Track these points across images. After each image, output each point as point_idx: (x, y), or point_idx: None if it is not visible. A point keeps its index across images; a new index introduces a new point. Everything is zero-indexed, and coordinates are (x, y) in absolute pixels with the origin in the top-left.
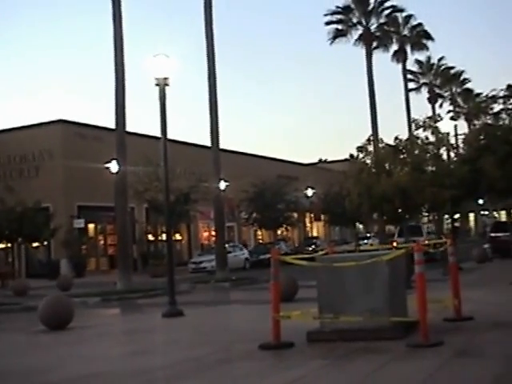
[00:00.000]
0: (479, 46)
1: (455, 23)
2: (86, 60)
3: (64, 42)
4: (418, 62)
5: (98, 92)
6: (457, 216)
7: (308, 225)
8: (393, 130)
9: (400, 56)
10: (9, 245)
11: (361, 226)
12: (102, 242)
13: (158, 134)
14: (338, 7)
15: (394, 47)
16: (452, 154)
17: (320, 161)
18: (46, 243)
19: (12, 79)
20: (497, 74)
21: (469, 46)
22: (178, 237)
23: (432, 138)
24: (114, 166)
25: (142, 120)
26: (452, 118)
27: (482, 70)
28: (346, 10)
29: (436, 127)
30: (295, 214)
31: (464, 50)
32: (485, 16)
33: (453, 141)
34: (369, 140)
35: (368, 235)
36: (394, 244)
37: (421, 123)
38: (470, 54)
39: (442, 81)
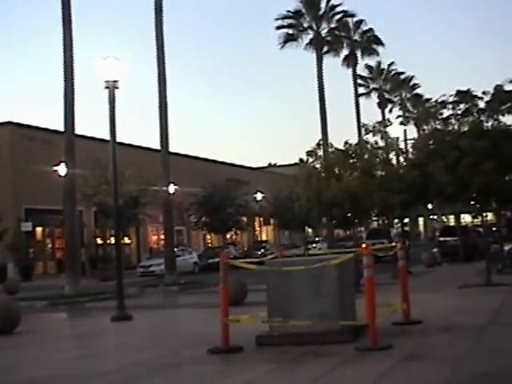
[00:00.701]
0: (429, 52)
1: (406, 29)
2: (36, 62)
3: (13, 44)
4: (368, 67)
5: (47, 94)
6: (406, 220)
7: (257, 229)
8: (343, 134)
9: (350, 61)
10: None
11: (310, 230)
12: (49, 246)
13: (108, 136)
14: (288, 11)
15: (345, 52)
16: (401, 159)
17: (270, 165)
18: None
19: None
20: (446, 80)
21: (419, 51)
22: (126, 240)
23: (381, 143)
24: (62, 169)
25: (91, 123)
26: (401, 123)
27: (432, 75)
28: (296, 14)
29: (385, 132)
30: (244, 218)
31: (414, 55)
32: (435, 22)
33: (402, 146)
34: (318, 144)
35: (317, 239)
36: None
37: (370, 128)
38: (420, 60)
39: (392, 86)
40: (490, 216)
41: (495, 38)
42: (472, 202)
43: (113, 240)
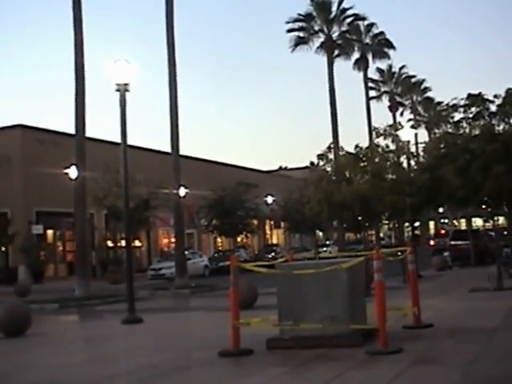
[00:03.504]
0: (440, 55)
1: (417, 32)
2: (47, 64)
3: (25, 45)
4: (379, 70)
5: (58, 97)
6: (417, 224)
7: (268, 232)
8: (354, 137)
9: (361, 64)
10: None
11: (320, 234)
12: (60, 249)
13: (118, 139)
14: (299, 15)
15: (356, 55)
16: (412, 163)
17: (280, 168)
18: (3, 249)
19: None
20: (458, 83)
21: (430, 54)
22: (137, 243)
23: (392, 146)
24: (73, 172)
25: (102, 126)
26: (412, 127)
27: (443, 78)
28: (307, 17)
29: (396, 135)
30: (255, 221)
31: (425, 58)
32: (446, 25)
33: (413, 149)
34: (329, 148)
35: (327, 243)
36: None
37: (381, 131)
38: (431, 63)
39: (403, 89)
40: (501, 220)
41: (508, 41)
42: (483, 206)
43: (123, 243)
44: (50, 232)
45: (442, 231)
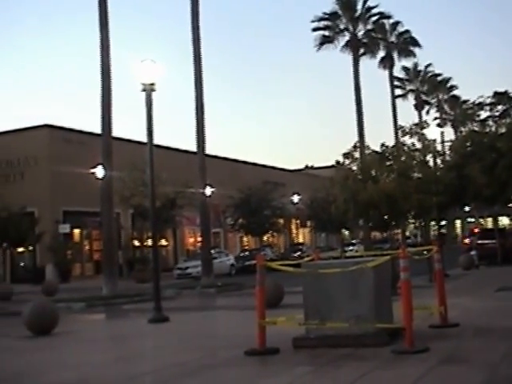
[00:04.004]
0: (466, 53)
1: (442, 30)
2: (73, 64)
3: (52, 46)
4: (404, 68)
5: (84, 97)
6: (443, 223)
7: (294, 231)
8: (379, 136)
9: (387, 63)
10: None
11: (346, 233)
12: (87, 248)
13: (144, 139)
14: (325, 13)
15: (381, 54)
16: (438, 161)
17: (307, 167)
18: (31, 248)
19: None
20: (484, 81)
21: (456, 53)
22: (163, 242)
23: (418, 145)
24: (99, 171)
25: (128, 125)
26: (439, 125)
27: (469, 77)
28: (333, 16)
29: (422, 134)
30: (281, 220)
31: (451, 56)
32: (472, 24)
33: (439, 148)
34: (355, 146)
35: (353, 242)
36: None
37: (407, 130)
38: (457, 61)
39: (429, 87)
40: None
41: None
42: (510, 204)
43: (150, 242)
44: (76, 231)
45: (476, 230)
